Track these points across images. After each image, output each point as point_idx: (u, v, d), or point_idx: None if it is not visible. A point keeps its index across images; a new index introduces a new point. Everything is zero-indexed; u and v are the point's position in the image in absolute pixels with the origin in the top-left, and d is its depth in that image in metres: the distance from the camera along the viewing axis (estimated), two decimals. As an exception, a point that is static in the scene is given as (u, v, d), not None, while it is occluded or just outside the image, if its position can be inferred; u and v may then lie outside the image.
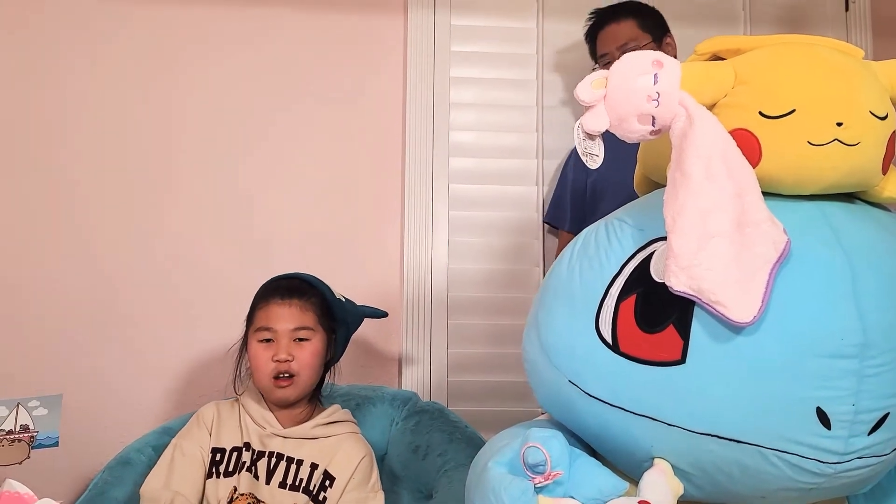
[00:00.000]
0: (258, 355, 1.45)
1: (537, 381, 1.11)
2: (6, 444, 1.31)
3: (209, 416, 1.49)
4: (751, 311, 0.87)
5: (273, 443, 1.46)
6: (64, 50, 1.96)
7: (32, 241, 1.91)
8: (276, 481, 1.43)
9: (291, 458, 1.45)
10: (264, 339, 1.45)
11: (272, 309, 1.46)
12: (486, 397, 1.98)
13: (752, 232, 0.88)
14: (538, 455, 0.96)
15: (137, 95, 1.98)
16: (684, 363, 0.92)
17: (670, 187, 0.93)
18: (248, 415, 1.48)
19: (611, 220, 1.07)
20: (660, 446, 0.97)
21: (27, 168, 1.93)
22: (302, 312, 1.47)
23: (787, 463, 0.91)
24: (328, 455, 1.46)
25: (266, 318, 1.46)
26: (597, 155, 1.00)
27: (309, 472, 1.44)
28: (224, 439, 1.47)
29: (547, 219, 2.02)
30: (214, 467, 1.45)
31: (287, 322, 1.45)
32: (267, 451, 1.45)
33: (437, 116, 2.07)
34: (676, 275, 0.90)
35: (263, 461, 1.44)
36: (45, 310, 1.89)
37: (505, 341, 1.98)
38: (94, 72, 1.97)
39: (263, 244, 1.97)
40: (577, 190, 1.93)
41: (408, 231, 2.03)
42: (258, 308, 1.49)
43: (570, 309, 1.04)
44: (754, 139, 0.93)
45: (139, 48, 1.99)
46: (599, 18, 1.93)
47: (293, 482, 1.43)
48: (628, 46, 1.81)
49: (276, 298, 1.48)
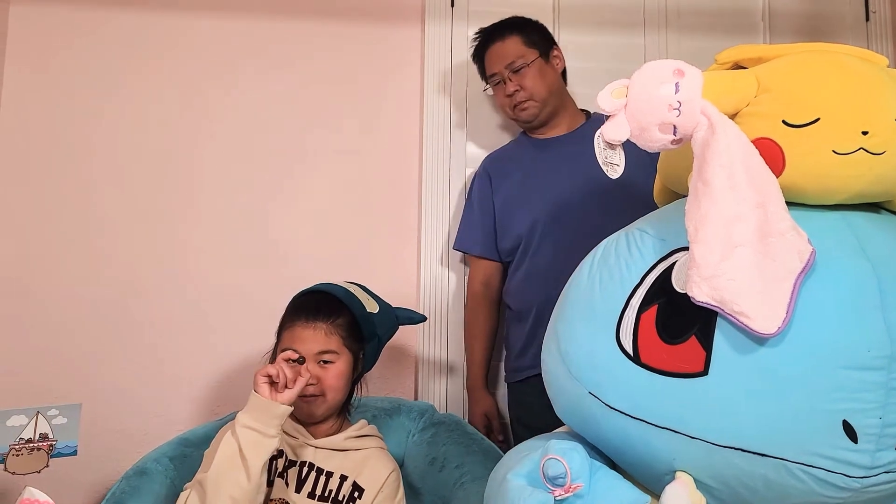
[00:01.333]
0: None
1: (556, 392, 1.10)
2: (25, 453, 1.31)
3: None
4: (775, 323, 0.86)
5: (305, 453, 1.46)
6: (94, 69, 1.99)
7: (54, 251, 1.93)
8: (305, 491, 1.43)
9: (322, 469, 1.45)
10: (292, 359, 1.43)
11: (297, 331, 1.46)
12: (503, 410, 1.96)
13: (776, 242, 0.87)
14: (558, 467, 0.95)
15: (162, 109, 1.99)
16: (707, 375, 0.91)
17: (692, 197, 0.92)
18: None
19: (631, 231, 1.06)
20: (682, 459, 0.96)
21: (51, 180, 1.95)
22: (327, 336, 1.46)
23: (812, 477, 0.89)
24: (358, 468, 1.46)
25: (291, 340, 1.46)
26: (617, 164, 1.00)
27: (338, 483, 1.44)
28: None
29: (456, 246, 1.97)
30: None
31: (311, 345, 1.44)
32: (298, 461, 1.45)
33: (454, 128, 2.07)
34: (699, 285, 0.89)
35: (294, 470, 1.44)
36: (66, 319, 1.90)
37: (522, 353, 1.96)
38: (120, 88, 1.99)
39: (281, 257, 1.97)
40: (486, 213, 1.91)
41: (424, 244, 2.03)
42: (285, 328, 1.48)
43: (590, 320, 1.03)
44: (778, 148, 0.92)
45: (165, 66, 2.00)
46: (484, 38, 1.91)
47: (322, 493, 1.43)
48: (516, 64, 1.82)
49: (302, 320, 1.47)
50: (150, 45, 2.01)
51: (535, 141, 1.91)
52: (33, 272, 1.91)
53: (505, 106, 1.89)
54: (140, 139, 1.98)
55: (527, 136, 1.95)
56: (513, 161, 1.91)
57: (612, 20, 2.14)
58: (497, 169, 1.92)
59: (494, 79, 1.87)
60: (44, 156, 1.95)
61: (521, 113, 1.86)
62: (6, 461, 1.29)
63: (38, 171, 1.95)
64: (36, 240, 1.93)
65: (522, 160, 1.89)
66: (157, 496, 1.53)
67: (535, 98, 1.83)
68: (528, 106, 1.84)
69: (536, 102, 1.84)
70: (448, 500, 1.56)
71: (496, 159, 1.96)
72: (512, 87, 1.83)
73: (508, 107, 1.87)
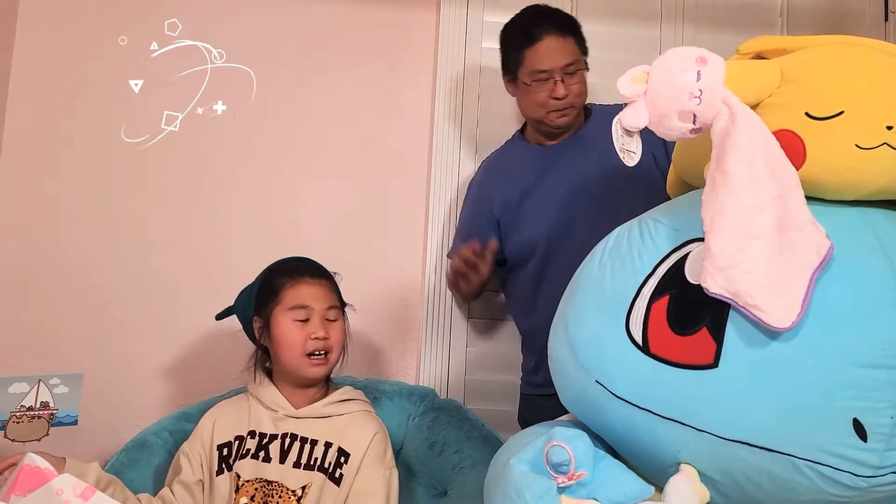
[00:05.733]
0: (292, 333, 1.44)
1: (563, 380, 1.09)
2: (25, 421, 1.31)
3: (207, 420, 1.49)
4: (789, 317, 0.85)
5: (285, 424, 1.45)
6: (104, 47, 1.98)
7: (59, 222, 1.92)
8: (290, 461, 1.42)
9: (305, 437, 1.44)
10: (300, 319, 1.44)
11: (303, 288, 1.46)
12: (504, 397, 1.96)
13: (794, 235, 0.86)
14: (562, 454, 0.94)
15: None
16: (717, 367, 0.90)
17: (709, 187, 0.91)
18: (259, 402, 1.48)
19: (644, 220, 1.05)
20: (687, 452, 0.95)
21: (60, 155, 1.94)
22: (331, 293, 1.49)
23: (819, 474, 0.88)
24: (341, 433, 1.46)
25: (299, 297, 1.45)
26: (634, 152, 0.99)
27: (323, 450, 1.44)
28: (228, 432, 1.47)
29: (451, 255, 1.86)
30: (223, 462, 1.44)
31: (321, 301, 1.46)
32: (280, 434, 1.45)
33: (466, 113, 2.05)
34: (713, 276, 0.88)
35: (276, 443, 1.44)
36: (70, 290, 1.90)
37: (525, 341, 1.96)
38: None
39: (288, 237, 1.97)
40: (483, 224, 1.80)
41: (431, 228, 2.02)
42: (286, 287, 1.47)
43: (600, 308, 1.02)
44: (799, 140, 0.91)
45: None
46: (537, 30, 1.67)
47: (308, 461, 1.43)
48: (572, 67, 1.66)
49: (307, 277, 1.48)
50: (161, 19, 1.99)
51: (541, 148, 1.80)
52: (36, 245, 1.91)
53: (541, 106, 1.70)
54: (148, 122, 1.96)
55: (525, 140, 1.84)
56: (515, 168, 1.81)
57: (628, 11, 2.12)
58: (497, 176, 1.83)
59: (542, 76, 1.67)
60: (62, 139, 1.95)
61: (558, 119, 1.71)
62: (6, 428, 1.29)
63: (47, 153, 1.94)
64: (36, 213, 1.92)
65: (525, 168, 1.79)
66: (156, 469, 1.54)
67: (575, 105, 1.71)
68: (568, 112, 1.70)
69: (576, 110, 1.72)
70: (446, 485, 1.56)
71: (496, 166, 1.86)
72: (563, 90, 1.67)
73: (546, 108, 1.70)
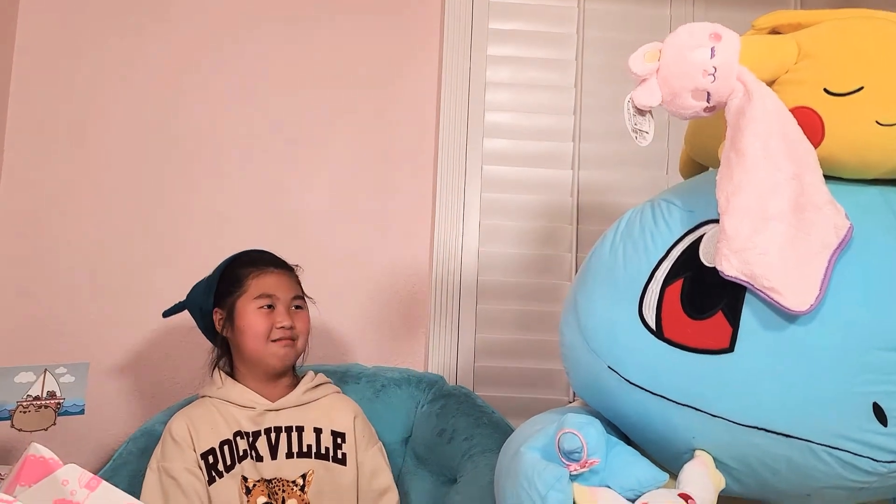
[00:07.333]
0: (258, 321, 1.43)
1: (573, 366, 1.07)
2: (32, 410, 1.31)
3: (181, 428, 1.41)
4: (807, 300, 0.83)
5: (266, 419, 1.43)
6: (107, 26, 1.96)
7: (62, 206, 1.91)
8: (282, 453, 1.41)
9: (290, 427, 1.43)
10: (265, 306, 1.44)
11: (269, 278, 1.47)
12: (514, 384, 1.94)
13: (812, 215, 0.84)
14: (574, 441, 0.92)
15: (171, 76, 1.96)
16: (732, 352, 0.88)
17: (724, 167, 0.89)
18: (230, 403, 1.44)
19: (657, 201, 1.03)
20: (702, 438, 0.93)
21: (61, 137, 1.92)
22: (294, 283, 1.50)
23: (838, 460, 0.86)
24: (327, 415, 1.46)
25: (265, 286, 1.45)
26: (647, 132, 0.96)
27: (315, 436, 1.43)
28: (209, 439, 1.41)
29: None
30: (212, 471, 1.39)
31: (286, 291, 1.47)
32: (262, 429, 1.42)
33: (473, 96, 2.02)
34: (728, 259, 0.86)
35: (262, 440, 1.41)
36: (75, 279, 1.89)
37: (534, 328, 1.94)
38: (132, 48, 1.96)
39: (293, 223, 1.94)
40: None
41: (439, 212, 1.99)
42: (250, 277, 1.47)
43: (612, 292, 1.00)
44: (817, 117, 0.89)
45: (176, 31, 1.97)
46: None
47: (300, 449, 1.42)
48: None
49: (272, 267, 1.49)
50: (163, 9, 1.97)
51: None
52: (40, 230, 1.89)
53: None
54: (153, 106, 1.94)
55: None
56: None
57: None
58: None
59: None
60: (59, 115, 1.93)
61: None
62: (13, 418, 1.29)
63: (49, 127, 1.93)
64: (40, 198, 1.90)
65: None
66: (164, 458, 1.53)
67: None
68: None
69: None
70: (456, 472, 1.55)
71: None
72: None
73: None
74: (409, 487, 1.59)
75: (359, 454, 1.46)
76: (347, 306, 1.91)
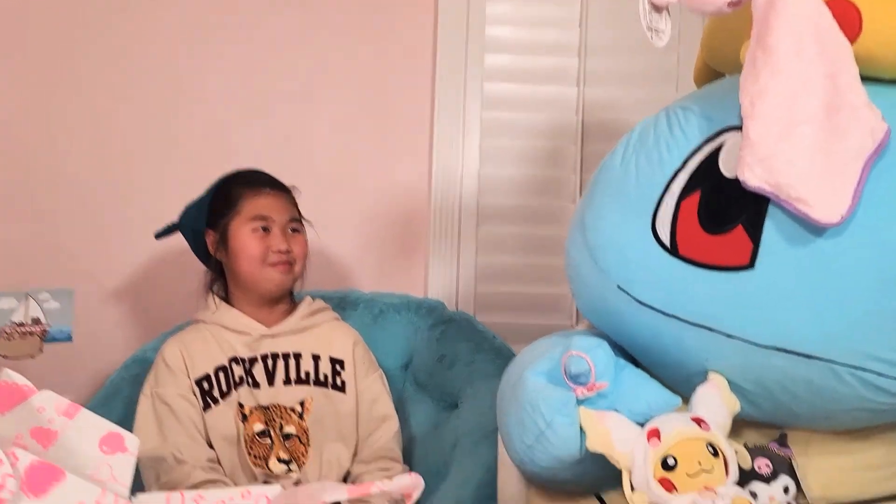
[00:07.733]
0: (252, 244, 1.38)
1: (580, 286, 1.03)
2: (17, 337, 1.26)
3: (174, 353, 1.39)
4: (838, 211, 0.78)
5: (263, 345, 1.40)
6: None
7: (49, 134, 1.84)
8: (279, 380, 1.38)
9: (288, 353, 1.40)
10: (260, 228, 1.39)
11: (265, 199, 1.41)
12: (515, 309, 1.91)
13: (846, 118, 0.77)
14: (581, 364, 0.89)
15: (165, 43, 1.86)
16: (752, 268, 0.84)
17: (749, 68, 0.82)
18: (225, 328, 1.41)
19: (673, 109, 0.97)
20: (716, 360, 0.90)
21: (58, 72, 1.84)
22: (290, 204, 1.45)
23: (860, 381, 0.83)
24: (325, 342, 1.43)
25: (260, 207, 1.40)
26: (663, 31, 0.89)
27: (313, 363, 1.41)
28: (203, 365, 1.38)
29: None
30: (207, 397, 1.37)
31: (282, 213, 1.41)
32: (259, 355, 1.39)
33: (473, 8, 1.93)
34: (752, 168, 0.80)
35: (259, 366, 1.39)
36: (57, 203, 1.84)
37: (537, 251, 1.90)
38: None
39: (290, 146, 1.88)
40: None
41: (438, 132, 1.92)
42: (244, 197, 1.41)
43: (622, 207, 0.95)
44: (854, 10, 0.82)
45: None
46: None
47: (298, 376, 1.39)
48: None
49: (267, 188, 1.44)
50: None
51: None
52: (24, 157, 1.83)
53: None
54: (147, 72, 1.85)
55: None
56: None
57: None
58: None
59: None
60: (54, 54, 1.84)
61: None
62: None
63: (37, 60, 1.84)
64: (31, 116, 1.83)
65: None
66: (156, 385, 1.50)
67: None
68: None
69: None
70: (457, 398, 1.54)
71: None
72: None
73: None
74: (410, 413, 1.58)
75: (358, 382, 1.43)
76: (345, 230, 1.87)
